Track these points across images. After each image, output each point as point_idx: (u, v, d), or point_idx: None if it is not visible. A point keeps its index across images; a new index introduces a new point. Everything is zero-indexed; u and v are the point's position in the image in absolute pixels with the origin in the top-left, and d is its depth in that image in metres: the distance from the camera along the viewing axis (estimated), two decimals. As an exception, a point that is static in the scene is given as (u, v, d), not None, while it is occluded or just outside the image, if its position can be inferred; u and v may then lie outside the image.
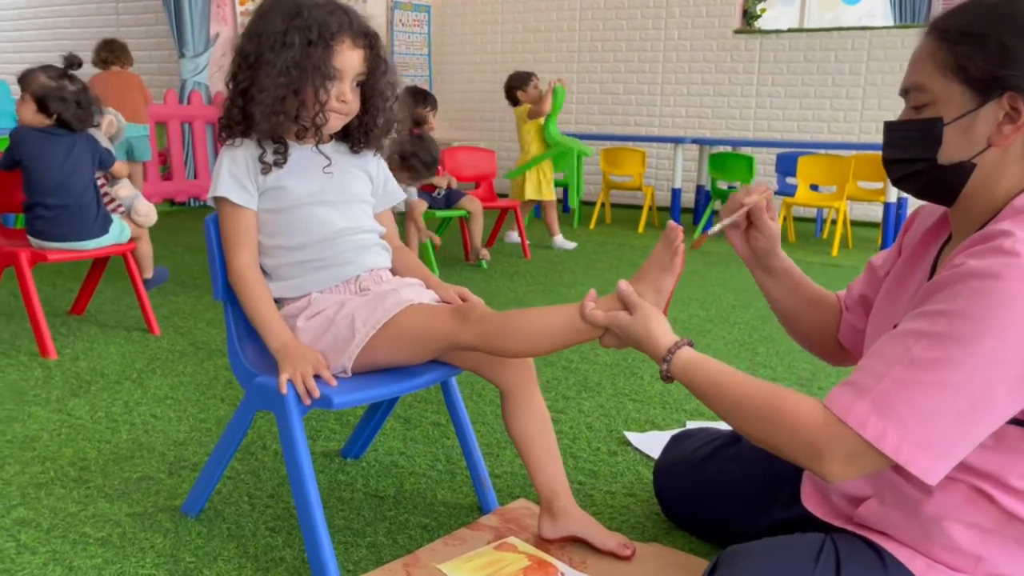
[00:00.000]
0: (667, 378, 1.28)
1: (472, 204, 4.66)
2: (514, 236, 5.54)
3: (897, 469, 1.15)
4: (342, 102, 1.52)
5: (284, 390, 1.45)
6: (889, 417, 1.00)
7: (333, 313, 1.56)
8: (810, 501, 1.32)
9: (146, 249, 3.43)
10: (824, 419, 1.06)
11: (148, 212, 3.33)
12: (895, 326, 1.10)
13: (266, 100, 1.48)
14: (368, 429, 1.99)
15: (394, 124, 1.64)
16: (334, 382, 1.48)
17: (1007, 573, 1.09)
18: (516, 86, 5.57)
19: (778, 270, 1.47)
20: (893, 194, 5.73)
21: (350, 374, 1.54)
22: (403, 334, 1.50)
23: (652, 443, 2.12)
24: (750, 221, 1.42)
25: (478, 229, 4.70)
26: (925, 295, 1.06)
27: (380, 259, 1.66)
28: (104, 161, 3.05)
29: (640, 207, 7.07)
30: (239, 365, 1.61)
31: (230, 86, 1.53)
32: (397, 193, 1.74)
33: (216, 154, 7.00)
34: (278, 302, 1.61)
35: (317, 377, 1.47)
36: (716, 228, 1.38)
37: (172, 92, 6.86)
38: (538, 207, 5.87)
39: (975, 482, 1.09)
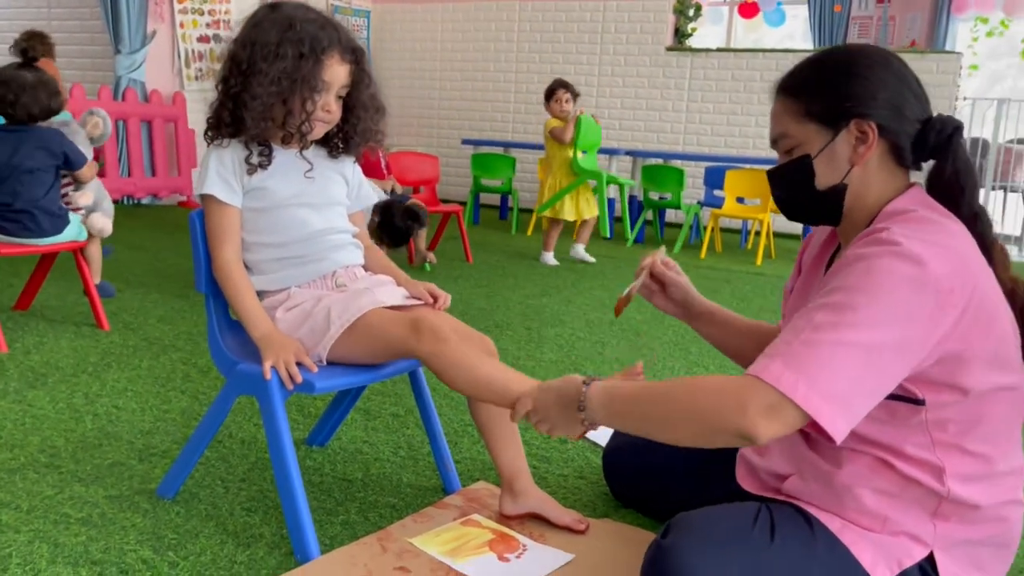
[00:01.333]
0: (590, 422, 1.33)
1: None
2: (580, 250, 5.41)
3: (812, 446, 1.36)
4: (326, 112, 1.64)
5: (268, 376, 1.56)
6: (799, 371, 1.15)
7: (311, 306, 1.67)
8: (744, 480, 1.51)
9: (96, 254, 3.39)
10: (744, 380, 1.20)
11: (103, 228, 3.29)
12: None
13: (257, 107, 1.59)
14: (334, 418, 2.10)
15: (373, 134, 1.75)
16: (315, 368, 1.59)
17: (908, 530, 1.27)
18: (546, 96, 5.38)
19: (705, 314, 1.66)
20: (813, 208, 6.06)
21: (325, 363, 1.64)
22: (367, 334, 1.60)
23: (598, 434, 2.28)
24: (661, 282, 1.65)
25: (422, 233, 4.81)
26: (823, 284, 1.26)
27: (354, 256, 1.78)
28: (71, 162, 3.01)
29: (575, 215, 7.27)
30: (220, 354, 1.70)
31: (220, 88, 1.63)
32: (370, 196, 1.86)
33: (151, 152, 6.95)
34: (259, 295, 1.71)
35: (299, 364, 1.58)
36: (626, 291, 1.59)
37: (106, 88, 6.76)
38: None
39: (877, 453, 1.28)
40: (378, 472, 1.98)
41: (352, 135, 1.73)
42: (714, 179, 6.80)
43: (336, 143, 1.75)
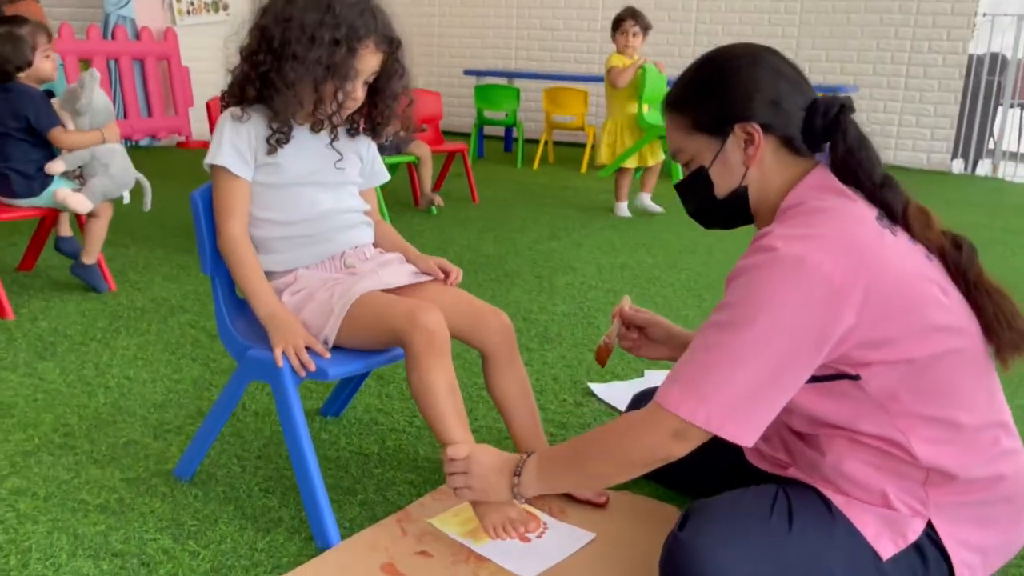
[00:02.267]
0: (519, 491, 1.39)
1: (420, 149, 4.67)
2: (646, 200, 4.89)
3: (799, 436, 1.36)
4: (353, 99, 1.58)
5: (280, 363, 1.52)
6: (696, 395, 1.19)
7: (315, 290, 1.63)
8: (754, 459, 1.52)
9: (98, 230, 3.06)
10: (649, 412, 1.24)
11: (72, 203, 2.89)
12: None
13: (289, 95, 1.53)
14: (348, 388, 2.08)
15: (402, 122, 1.71)
16: (327, 354, 1.56)
17: (906, 501, 1.26)
18: (612, 26, 4.75)
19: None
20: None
21: (331, 346, 1.60)
22: (366, 318, 1.55)
23: (615, 393, 2.26)
24: (639, 328, 1.66)
25: (427, 174, 4.72)
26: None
27: (363, 236, 1.73)
28: (33, 125, 2.81)
29: (583, 145, 7.14)
30: (230, 339, 1.66)
31: (245, 59, 1.56)
32: (383, 174, 1.80)
33: (145, 92, 6.79)
34: (266, 275, 1.66)
35: (309, 350, 1.55)
36: (603, 341, 1.65)
37: (95, 27, 6.57)
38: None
39: (844, 433, 1.28)
40: (394, 444, 1.97)
41: (379, 121, 1.68)
42: (724, 106, 6.62)
43: (357, 125, 1.69)
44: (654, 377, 2.36)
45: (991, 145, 7.24)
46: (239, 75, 1.58)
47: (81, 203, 2.90)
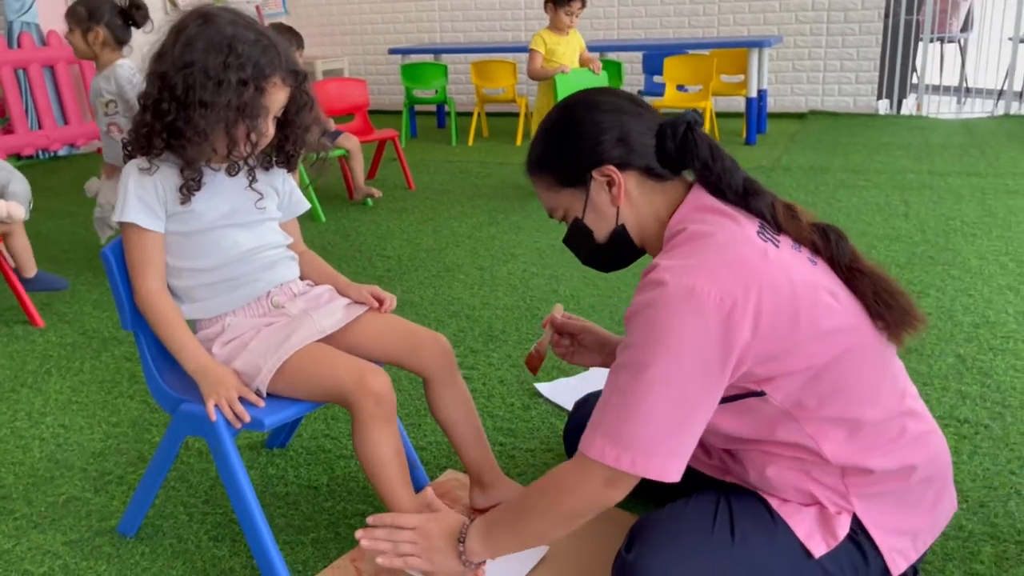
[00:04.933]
0: (467, 557, 1.35)
1: (349, 142, 4.56)
2: None
3: (728, 451, 1.40)
4: (265, 137, 1.53)
5: (213, 417, 1.49)
6: (616, 441, 1.19)
7: (248, 339, 1.58)
8: (697, 464, 1.52)
9: (21, 244, 3.06)
10: (577, 464, 1.24)
11: (15, 212, 2.86)
12: None
13: (203, 144, 1.47)
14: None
15: (315, 150, 1.66)
16: (261, 402, 1.52)
17: (831, 498, 1.29)
18: (555, 2, 4.57)
19: None
20: (754, 89, 5.96)
21: (265, 395, 1.56)
22: (309, 372, 1.52)
23: (561, 391, 2.27)
24: (571, 335, 1.69)
25: (359, 167, 4.62)
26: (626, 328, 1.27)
27: (288, 272, 1.68)
28: None
29: (516, 115, 7.07)
30: (161, 393, 1.61)
31: (147, 108, 1.48)
32: (301, 203, 1.75)
33: (59, 99, 6.52)
34: (191, 324, 1.61)
35: (243, 400, 1.51)
36: (534, 349, 1.66)
37: (-1, 36, 6.26)
38: None
39: (758, 446, 1.32)
40: (343, 473, 1.95)
41: (293, 154, 1.63)
42: (653, 65, 6.62)
43: (270, 158, 1.64)
44: (597, 373, 2.36)
45: (915, 80, 7.36)
46: (142, 126, 1.51)
47: (15, 209, 2.82)
